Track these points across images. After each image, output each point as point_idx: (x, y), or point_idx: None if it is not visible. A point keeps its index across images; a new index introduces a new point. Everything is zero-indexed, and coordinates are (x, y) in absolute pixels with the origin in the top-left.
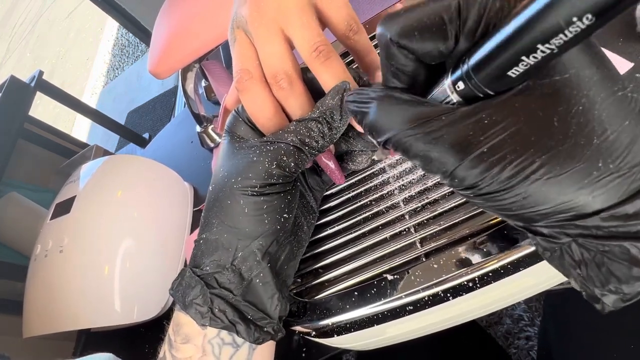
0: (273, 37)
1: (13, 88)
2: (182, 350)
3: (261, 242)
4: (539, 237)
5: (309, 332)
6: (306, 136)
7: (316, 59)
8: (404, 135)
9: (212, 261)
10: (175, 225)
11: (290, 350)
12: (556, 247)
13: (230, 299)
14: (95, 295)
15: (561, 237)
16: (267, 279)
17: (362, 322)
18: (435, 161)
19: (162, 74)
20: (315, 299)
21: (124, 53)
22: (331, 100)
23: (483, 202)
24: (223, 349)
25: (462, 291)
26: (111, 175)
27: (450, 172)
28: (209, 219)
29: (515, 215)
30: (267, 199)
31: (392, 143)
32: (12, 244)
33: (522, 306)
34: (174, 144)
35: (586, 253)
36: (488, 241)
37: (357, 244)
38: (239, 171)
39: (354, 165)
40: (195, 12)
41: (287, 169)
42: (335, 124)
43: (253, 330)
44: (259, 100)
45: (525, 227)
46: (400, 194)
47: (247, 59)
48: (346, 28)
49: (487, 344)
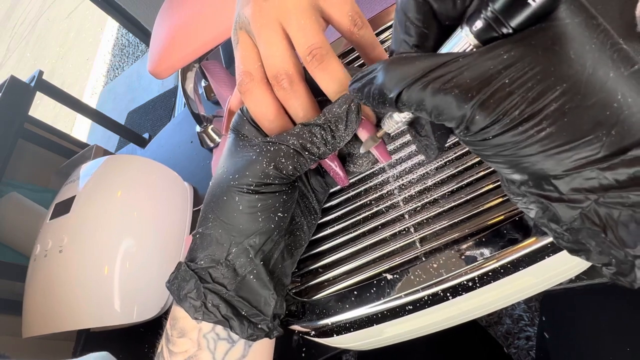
0: (275, 38)
1: (13, 88)
2: (178, 344)
3: (255, 239)
4: (558, 204)
5: (309, 332)
6: (308, 141)
7: (311, 63)
8: (418, 84)
9: (206, 256)
10: (174, 225)
11: (289, 350)
12: (576, 215)
13: (223, 294)
14: (95, 295)
15: (582, 199)
16: (261, 276)
17: (361, 321)
18: (452, 105)
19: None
20: (315, 299)
21: (124, 53)
22: (338, 108)
23: (496, 150)
24: (218, 343)
25: (462, 291)
26: (111, 175)
27: (470, 114)
28: (206, 214)
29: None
30: (261, 197)
31: (404, 97)
32: (12, 244)
33: (522, 306)
34: (174, 144)
35: (610, 213)
36: (488, 241)
37: (356, 244)
38: (237, 169)
39: (355, 168)
40: (195, 12)
41: (284, 171)
42: (339, 133)
43: (246, 327)
44: (261, 102)
45: (540, 194)
46: (400, 193)
47: (249, 60)
48: (350, 23)
49: (487, 344)
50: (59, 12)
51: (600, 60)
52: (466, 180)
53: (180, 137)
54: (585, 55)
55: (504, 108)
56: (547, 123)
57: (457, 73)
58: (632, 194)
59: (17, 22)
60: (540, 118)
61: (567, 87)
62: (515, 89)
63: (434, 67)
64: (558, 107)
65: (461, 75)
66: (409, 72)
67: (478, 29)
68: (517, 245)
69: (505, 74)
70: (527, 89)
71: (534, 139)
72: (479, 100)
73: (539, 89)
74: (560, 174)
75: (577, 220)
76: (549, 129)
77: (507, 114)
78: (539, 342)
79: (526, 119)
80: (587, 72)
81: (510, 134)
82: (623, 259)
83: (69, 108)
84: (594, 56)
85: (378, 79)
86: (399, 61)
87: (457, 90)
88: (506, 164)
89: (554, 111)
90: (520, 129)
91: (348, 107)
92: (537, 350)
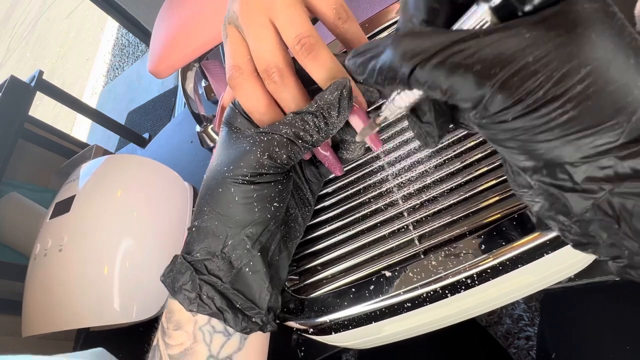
0: (263, 31)
1: (13, 88)
2: (174, 337)
3: (251, 230)
4: (571, 194)
5: (307, 330)
6: (301, 129)
7: (301, 52)
8: (434, 60)
9: (202, 248)
10: (174, 225)
11: (288, 349)
12: (589, 206)
13: (219, 286)
14: (95, 294)
15: (596, 190)
16: (257, 268)
17: (360, 319)
18: (469, 85)
19: (162, 74)
20: (313, 296)
21: (124, 53)
22: (330, 95)
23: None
24: (214, 336)
25: (461, 288)
26: (111, 175)
27: (488, 95)
28: (201, 206)
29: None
30: (257, 187)
31: (417, 75)
32: (12, 244)
33: (522, 306)
34: (174, 144)
35: (625, 203)
36: (486, 238)
37: (355, 241)
38: (231, 160)
39: (348, 154)
40: (195, 12)
41: (279, 160)
42: (331, 119)
43: (241, 320)
44: (252, 96)
45: (553, 183)
46: (399, 191)
47: (238, 55)
48: (334, 17)
49: (487, 343)
50: (59, 12)
51: (621, 46)
52: (465, 178)
53: (180, 137)
54: (607, 40)
55: (528, 88)
56: (570, 105)
57: (478, 49)
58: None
59: (17, 22)
60: (564, 100)
61: (592, 69)
62: (540, 68)
63: (453, 42)
64: (582, 90)
65: (482, 52)
66: (425, 46)
67: (497, 4)
68: (516, 243)
69: (529, 52)
70: (552, 69)
71: (555, 122)
72: (501, 79)
73: (564, 70)
74: (578, 161)
75: (589, 212)
76: (572, 111)
77: (531, 94)
78: (539, 342)
79: (549, 100)
80: (609, 56)
81: (531, 117)
82: (637, 251)
83: (69, 108)
84: (614, 41)
85: (387, 54)
86: (413, 35)
87: (479, 67)
88: (520, 150)
89: (578, 93)
90: (543, 110)
91: (340, 94)
92: (537, 350)
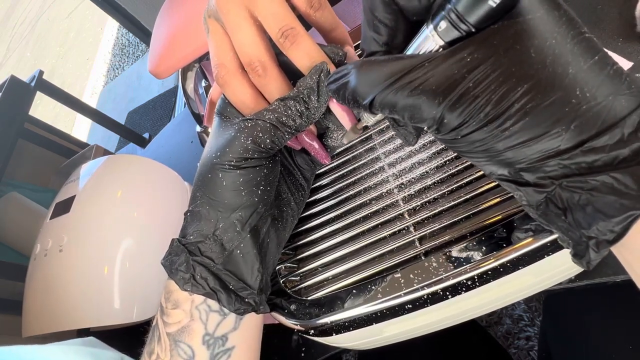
0: (243, 24)
1: (13, 88)
2: (172, 316)
3: (240, 213)
4: (526, 188)
5: (308, 331)
6: (283, 114)
7: (285, 43)
8: (389, 90)
9: (195, 231)
10: (174, 225)
11: (289, 349)
12: (542, 199)
13: (211, 267)
14: (95, 294)
15: (547, 184)
16: (247, 250)
17: (360, 320)
18: (423, 109)
19: (162, 74)
20: (314, 297)
21: (124, 53)
22: (309, 80)
23: (469, 147)
24: (210, 315)
25: (462, 290)
26: (111, 175)
27: (440, 116)
28: (195, 192)
29: (502, 159)
30: (242, 172)
31: (377, 103)
32: (12, 244)
33: (522, 306)
34: (174, 144)
35: (571, 197)
36: (487, 240)
37: (356, 242)
38: (219, 147)
39: (332, 142)
40: (195, 11)
41: (262, 145)
42: (312, 104)
43: (234, 300)
44: (239, 92)
45: (512, 180)
46: (400, 192)
47: (222, 51)
48: (307, 5)
49: (487, 344)
50: (59, 12)
51: (561, 56)
52: (466, 179)
53: (180, 137)
54: (546, 52)
55: (470, 110)
56: (510, 123)
57: (424, 79)
58: (589, 178)
59: (17, 22)
60: (504, 118)
61: (528, 87)
62: (480, 92)
63: (403, 72)
64: (520, 107)
65: (428, 81)
66: (380, 78)
67: (442, 29)
68: (517, 244)
69: (469, 78)
70: (491, 92)
71: (500, 137)
72: (447, 104)
73: (501, 91)
74: (526, 166)
75: (542, 204)
76: (512, 127)
77: (473, 116)
78: (541, 342)
79: (491, 120)
80: (547, 70)
81: (479, 133)
82: (578, 240)
83: (69, 108)
84: (554, 52)
85: (351, 83)
86: (369, 66)
87: (425, 96)
88: (483, 158)
89: (516, 111)
90: (486, 129)
91: (318, 77)
92: (539, 350)
